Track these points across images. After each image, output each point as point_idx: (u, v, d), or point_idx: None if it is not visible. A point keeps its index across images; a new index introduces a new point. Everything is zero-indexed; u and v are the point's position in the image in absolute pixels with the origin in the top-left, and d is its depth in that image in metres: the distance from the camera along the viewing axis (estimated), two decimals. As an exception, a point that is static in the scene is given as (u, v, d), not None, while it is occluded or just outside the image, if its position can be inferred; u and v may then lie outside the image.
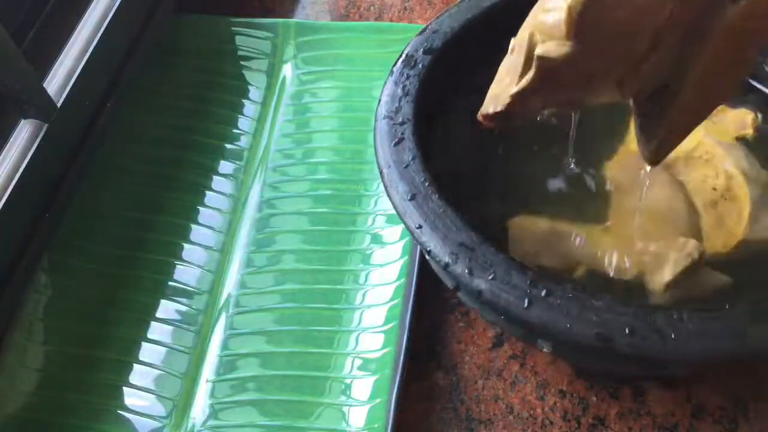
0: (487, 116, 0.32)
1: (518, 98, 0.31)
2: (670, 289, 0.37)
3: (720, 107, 0.43)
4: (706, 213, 0.40)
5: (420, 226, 0.34)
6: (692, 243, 0.38)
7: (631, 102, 0.33)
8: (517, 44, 0.31)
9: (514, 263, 0.33)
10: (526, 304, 0.31)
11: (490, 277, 0.32)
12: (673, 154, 0.40)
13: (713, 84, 0.32)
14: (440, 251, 0.33)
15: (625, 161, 0.42)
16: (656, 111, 0.33)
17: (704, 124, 0.42)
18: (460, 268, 0.33)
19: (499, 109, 0.31)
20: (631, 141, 0.43)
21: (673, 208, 0.40)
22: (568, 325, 0.31)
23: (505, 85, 0.32)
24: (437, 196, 0.35)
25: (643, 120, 0.33)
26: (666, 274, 0.37)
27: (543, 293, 0.32)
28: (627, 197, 0.41)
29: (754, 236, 0.39)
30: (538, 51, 0.30)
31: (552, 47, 0.29)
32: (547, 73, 0.30)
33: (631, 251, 0.39)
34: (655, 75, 0.31)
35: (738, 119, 0.43)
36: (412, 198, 0.35)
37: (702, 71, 0.30)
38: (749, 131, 0.43)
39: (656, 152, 0.34)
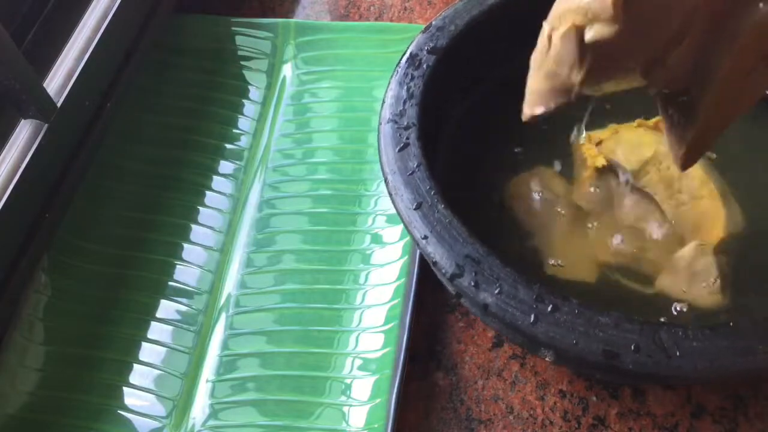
0: (538, 116, 0.32)
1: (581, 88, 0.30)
2: (725, 291, 0.37)
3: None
4: (680, 217, 0.40)
5: (425, 237, 0.34)
6: (695, 245, 0.38)
7: (659, 107, 0.33)
8: (561, 33, 0.30)
9: (520, 277, 0.32)
10: (532, 319, 0.31)
11: (497, 291, 0.32)
12: (635, 166, 0.41)
13: (742, 87, 0.31)
14: (446, 263, 0.33)
15: (587, 184, 0.43)
16: (684, 114, 0.32)
17: (655, 133, 0.43)
18: (466, 281, 0.33)
19: (554, 105, 0.31)
20: (584, 169, 0.43)
21: (651, 222, 0.41)
22: (575, 341, 0.31)
23: (563, 77, 0.31)
24: (443, 205, 0.35)
25: (671, 124, 0.33)
26: (713, 278, 0.38)
27: (549, 308, 0.31)
28: (601, 218, 0.42)
29: (731, 230, 0.40)
30: (590, 36, 0.29)
31: (603, 28, 0.28)
32: (599, 58, 0.29)
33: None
34: (681, 68, 0.30)
35: None
36: (418, 207, 0.35)
37: (729, 72, 0.30)
38: None
39: (687, 157, 0.33)
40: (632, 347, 0.30)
